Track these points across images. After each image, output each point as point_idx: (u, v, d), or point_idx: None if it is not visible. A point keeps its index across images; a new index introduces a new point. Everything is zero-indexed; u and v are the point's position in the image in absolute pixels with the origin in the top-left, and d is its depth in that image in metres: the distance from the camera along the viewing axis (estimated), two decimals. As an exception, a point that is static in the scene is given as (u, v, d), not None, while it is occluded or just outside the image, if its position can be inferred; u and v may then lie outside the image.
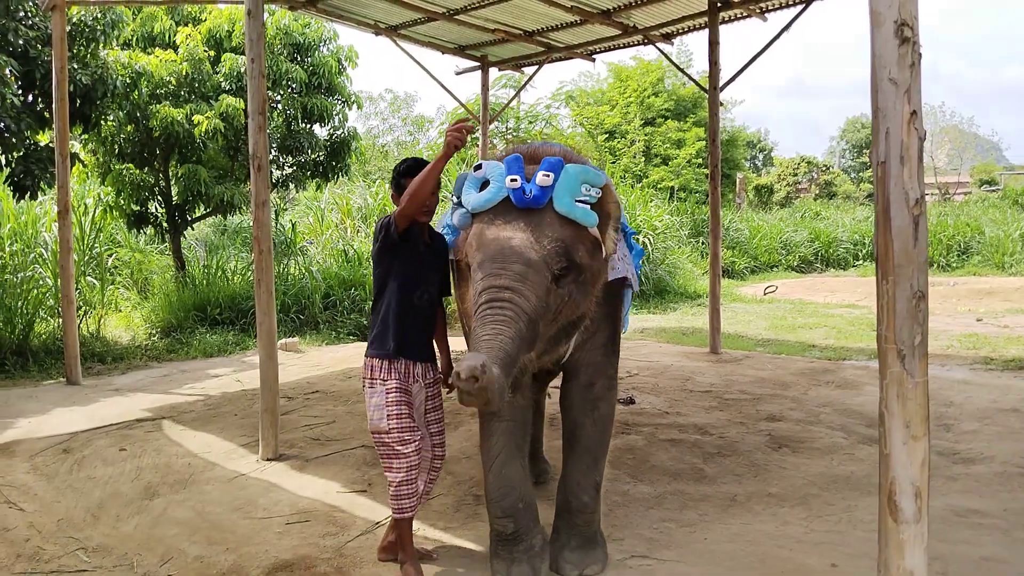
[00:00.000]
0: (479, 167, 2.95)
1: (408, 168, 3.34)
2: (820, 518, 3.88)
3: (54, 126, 7.59)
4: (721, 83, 8.52)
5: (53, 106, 7.49)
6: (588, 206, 2.81)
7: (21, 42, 7.89)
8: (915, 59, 2.18)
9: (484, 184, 2.91)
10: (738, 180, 26.93)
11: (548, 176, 2.76)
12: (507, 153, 3.07)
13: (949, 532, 3.61)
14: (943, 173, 37.92)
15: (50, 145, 8.37)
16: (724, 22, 8.51)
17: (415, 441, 3.26)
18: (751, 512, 3.98)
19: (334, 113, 11.41)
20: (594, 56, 10.53)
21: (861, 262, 19.49)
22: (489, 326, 2.61)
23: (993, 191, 32.15)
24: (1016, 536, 3.60)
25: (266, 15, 10.77)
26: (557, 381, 3.62)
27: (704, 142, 22.65)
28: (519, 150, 3.16)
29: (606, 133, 23.47)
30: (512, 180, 2.79)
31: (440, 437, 3.53)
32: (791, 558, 3.42)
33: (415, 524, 3.53)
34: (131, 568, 3.47)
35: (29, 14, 8.23)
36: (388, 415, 3.22)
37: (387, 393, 3.24)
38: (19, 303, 8.56)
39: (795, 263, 19.39)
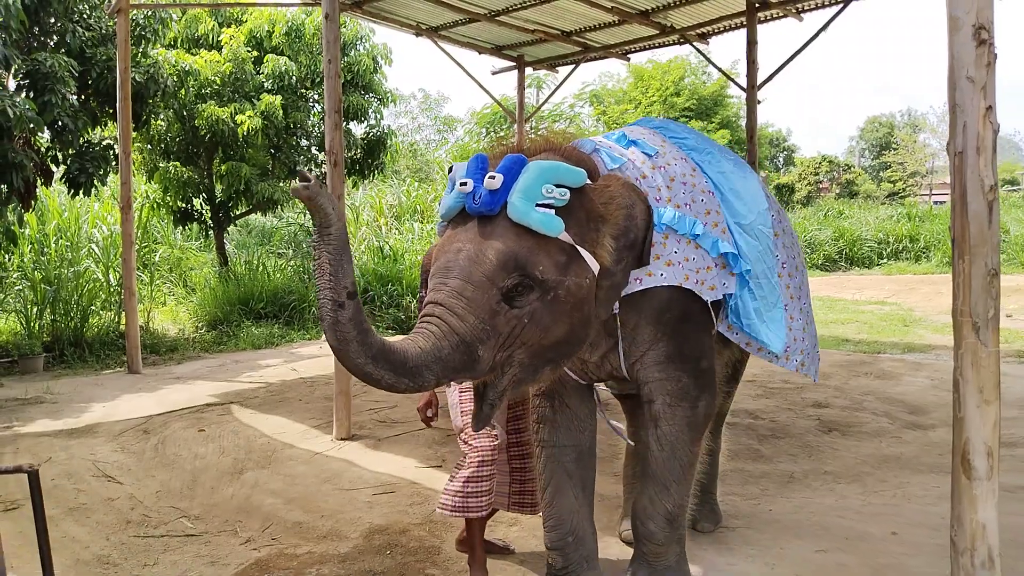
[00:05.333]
0: (451, 168, 2.55)
1: None
2: (876, 493, 4.10)
3: (118, 125, 7.90)
4: (758, 82, 8.71)
5: (117, 105, 7.80)
6: (553, 211, 2.33)
7: (79, 43, 8.19)
8: (991, 59, 2.40)
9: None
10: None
11: (495, 178, 2.32)
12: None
13: (1002, 505, 3.79)
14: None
15: (104, 142, 8.69)
16: (761, 22, 8.69)
17: (489, 437, 3.11)
18: (810, 488, 4.21)
19: (370, 111, 11.68)
20: (628, 56, 10.76)
21: (886, 260, 19.51)
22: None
23: (1015, 191, 32.08)
24: (1065, 509, 3.80)
25: (304, 16, 11.13)
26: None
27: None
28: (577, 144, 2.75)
29: (628, 132, 23.69)
30: (462, 184, 2.37)
31: (520, 448, 3.34)
32: (853, 527, 3.64)
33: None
34: (235, 533, 3.74)
35: (85, 16, 8.54)
36: (462, 412, 3.17)
37: (459, 391, 3.19)
38: (74, 297, 8.91)
39: (820, 261, 19.45)
